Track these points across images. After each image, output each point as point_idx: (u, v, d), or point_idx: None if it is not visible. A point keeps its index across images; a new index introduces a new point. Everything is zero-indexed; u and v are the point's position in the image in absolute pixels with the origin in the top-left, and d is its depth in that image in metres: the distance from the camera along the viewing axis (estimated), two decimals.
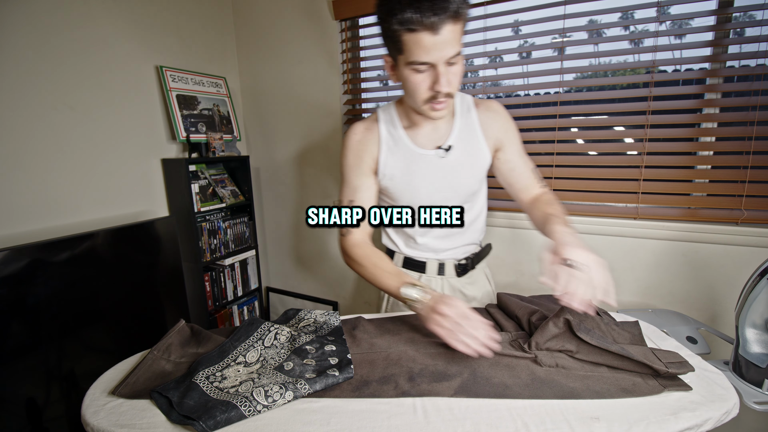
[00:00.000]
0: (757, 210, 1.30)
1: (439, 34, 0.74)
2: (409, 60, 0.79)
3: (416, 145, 0.98)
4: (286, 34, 2.08)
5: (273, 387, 0.66)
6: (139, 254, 1.64)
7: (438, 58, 0.77)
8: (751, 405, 0.85)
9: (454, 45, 0.77)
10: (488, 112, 1.00)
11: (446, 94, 0.82)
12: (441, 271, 1.10)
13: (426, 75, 0.81)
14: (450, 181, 0.99)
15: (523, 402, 0.65)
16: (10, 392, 1.26)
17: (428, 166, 0.98)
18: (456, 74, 0.82)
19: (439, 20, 0.73)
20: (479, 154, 1.00)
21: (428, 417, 0.63)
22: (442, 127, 0.98)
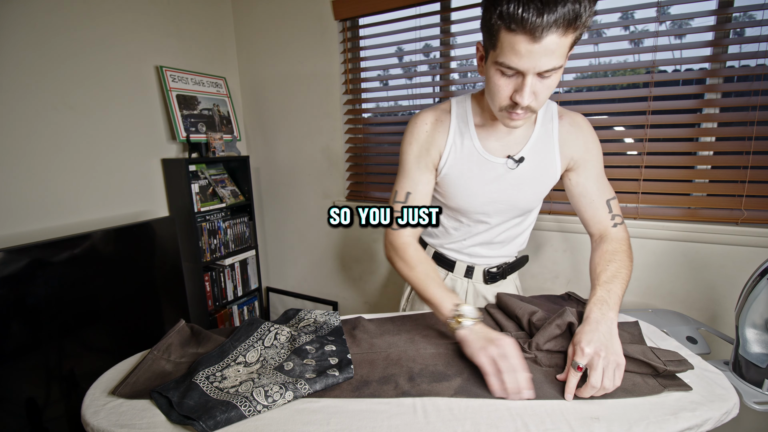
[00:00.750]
0: (757, 210, 1.30)
1: (540, 42, 0.63)
2: (498, 59, 0.69)
3: (485, 150, 0.89)
4: (286, 34, 2.08)
5: (273, 387, 0.66)
6: (139, 254, 1.64)
7: (529, 68, 0.66)
8: (751, 405, 0.85)
9: (555, 58, 0.65)
10: (572, 127, 0.90)
11: (527, 107, 0.72)
12: (468, 274, 1.06)
13: (511, 80, 0.71)
14: (511, 195, 0.92)
15: (523, 402, 0.65)
16: (10, 392, 1.26)
17: (493, 175, 0.90)
18: (547, 88, 0.71)
19: (544, 26, 0.61)
20: (550, 171, 0.91)
21: (428, 417, 0.63)
22: (517, 133, 0.89)
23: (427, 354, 0.79)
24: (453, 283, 1.10)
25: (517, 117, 0.75)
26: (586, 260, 1.54)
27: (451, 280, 1.10)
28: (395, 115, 1.98)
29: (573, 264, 1.57)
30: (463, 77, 1.80)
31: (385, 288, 2.07)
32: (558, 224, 1.55)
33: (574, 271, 1.57)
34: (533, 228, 1.60)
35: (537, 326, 0.82)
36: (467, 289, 1.09)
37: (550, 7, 0.60)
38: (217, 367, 0.74)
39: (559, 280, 1.60)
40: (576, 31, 0.65)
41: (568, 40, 0.65)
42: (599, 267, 0.84)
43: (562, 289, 1.27)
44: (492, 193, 0.92)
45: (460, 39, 1.71)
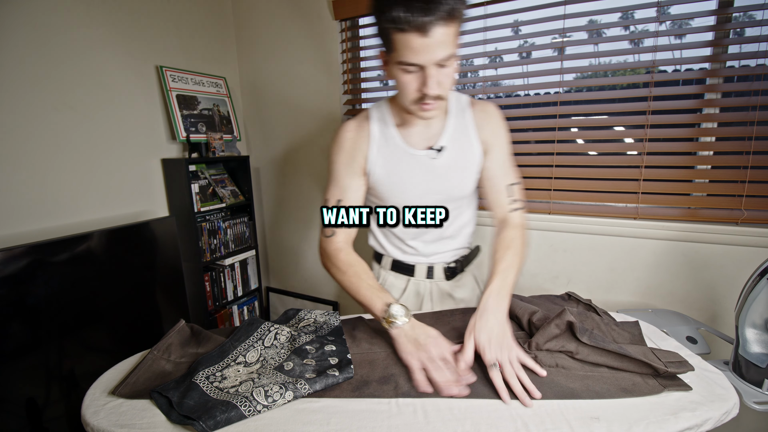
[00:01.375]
0: (757, 210, 1.30)
1: (429, 36, 0.71)
2: (398, 60, 0.76)
3: (408, 145, 0.95)
4: (286, 34, 2.08)
5: (273, 387, 0.66)
6: (139, 254, 1.64)
7: (427, 60, 0.74)
8: (751, 405, 0.85)
9: (446, 47, 0.73)
10: (483, 113, 0.97)
11: (435, 96, 0.79)
12: (430, 275, 1.08)
13: (415, 76, 0.78)
14: (441, 183, 0.96)
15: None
16: (10, 392, 1.26)
17: (419, 167, 0.95)
18: (448, 76, 0.79)
19: (429, 21, 0.69)
20: (472, 156, 0.96)
21: (428, 417, 0.63)
22: (434, 126, 0.95)
23: None
24: (416, 287, 1.10)
25: (428, 107, 0.82)
26: (586, 260, 1.54)
27: (414, 284, 1.10)
28: None
29: (573, 264, 1.57)
30: (463, 77, 1.80)
31: None
32: (558, 224, 1.55)
33: (574, 271, 1.57)
34: (533, 228, 1.61)
35: (537, 326, 0.83)
36: (431, 290, 1.10)
37: (429, 5, 0.69)
38: (217, 367, 0.74)
39: (559, 280, 1.60)
40: (457, 21, 0.74)
41: (453, 29, 0.74)
42: (498, 253, 0.89)
43: (562, 289, 1.27)
44: (422, 184, 0.96)
45: (460, 39, 1.70)
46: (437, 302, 1.10)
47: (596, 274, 1.53)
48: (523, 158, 1.64)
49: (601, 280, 1.53)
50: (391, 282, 1.12)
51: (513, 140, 1.06)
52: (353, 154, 0.97)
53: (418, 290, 1.10)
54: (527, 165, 1.62)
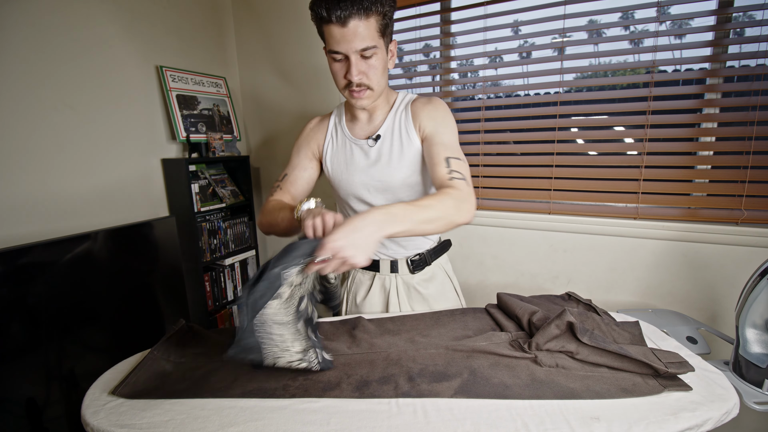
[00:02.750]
0: (757, 210, 1.30)
1: (347, 26, 0.82)
2: (327, 48, 0.88)
3: (352, 134, 1.05)
4: (286, 34, 2.08)
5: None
6: (139, 254, 1.64)
7: (347, 49, 0.84)
8: (751, 405, 0.85)
9: (365, 39, 0.84)
10: (420, 104, 1.01)
11: (360, 84, 0.89)
12: (394, 269, 1.11)
13: (341, 64, 0.89)
14: (380, 170, 1.01)
15: (523, 402, 0.65)
16: (10, 392, 1.26)
17: (360, 155, 1.03)
18: (373, 67, 0.88)
19: (346, 14, 0.80)
20: (409, 144, 1.00)
21: (428, 417, 0.63)
22: (377, 119, 1.03)
23: (427, 354, 0.79)
24: (382, 281, 1.13)
25: (356, 94, 0.92)
26: (586, 260, 1.54)
27: (379, 279, 1.13)
28: None
29: (573, 264, 1.57)
30: (463, 77, 1.80)
31: None
32: (558, 224, 1.55)
33: (574, 271, 1.57)
34: (533, 228, 1.60)
35: (537, 326, 0.83)
36: (396, 284, 1.12)
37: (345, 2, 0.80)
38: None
39: (559, 280, 1.60)
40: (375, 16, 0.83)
41: (372, 23, 0.83)
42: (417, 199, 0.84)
43: (562, 289, 1.27)
44: (364, 171, 1.03)
45: (460, 39, 1.71)
46: (404, 296, 1.11)
47: (596, 274, 1.53)
48: (523, 158, 1.64)
49: (601, 280, 1.53)
50: (359, 278, 1.17)
51: (513, 140, 1.06)
52: (309, 140, 1.11)
53: (383, 285, 1.13)
54: (527, 165, 1.62)
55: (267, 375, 0.74)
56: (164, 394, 0.69)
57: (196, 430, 0.61)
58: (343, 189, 1.08)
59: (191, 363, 0.79)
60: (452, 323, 0.93)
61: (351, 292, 1.19)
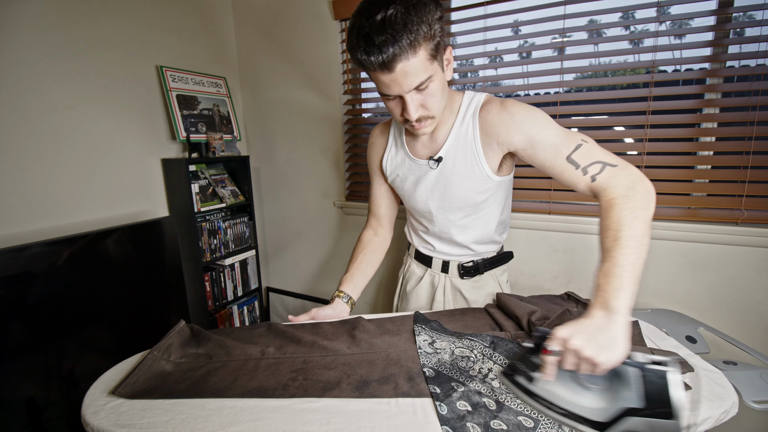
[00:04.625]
0: (757, 210, 1.30)
1: (394, 71, 0.72)
2: (378, 91, 0.81)
3: (412, 154, 1.00)
4: (286, 34, 2.08)
5: None
6: (139, 254, 1.64)
7: (399, 92, 0.76)
8: (751, 404, 0.85)
9: (417, 75, 0.74)
10: (487, 115, 0.89)
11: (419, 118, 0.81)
12: (445, 269, 1.11)
13: (397, 102, 0.80)
14: (443, 192, 0.98)
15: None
16: (10, 392, 1.26)
17: (422, 175, 0.99)
18: (431, 95, 0.78)
19: (389, 60, 0.70)
20: (476, 165, 0.92)
21: (428, 417, 0.63)
22: (439, 135, 0.95)
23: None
24: (432, 278, 1.14)
25: (418, 127, 0.84)
26: (586, 260, 1.54)
27: (430, 275, 1.15)
28: None
29: (573, 264, 1.57)
30: (463, 77, 1.80)
31: (385, 288, 2.07)
32: (558, 224, 1.55)
33: (574, 271, 1.57)
34: (533, 228, 1.61)
35: (536, 326, 0.82)
36: (444, 283, 1.12)
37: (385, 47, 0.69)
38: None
39: (559, 280, 1.60)
40: (424, 46, 0.71)
41: (421, 56, 0.72)
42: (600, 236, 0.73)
43: (562, 289, 1.27)
44: (425, 192, 1.00)
45: (460, 39, 1.71)
46: (449, 297, 1.12)
47: None
48: None
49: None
50: (413, 269, 1.19)
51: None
52: (372, 156, 1.10)
53: (432, 281, 1.14)
54: (527, 165, 1.62)
55: (267, 375, 0.74)
56: (164, 394, 0.69)
57: (197, 429, 0.61)
58: (406, 204, 1.09)
59: (191, 363, 0.79)
60: (452, 323, 0.93)
61: (405, 278, 1.22)
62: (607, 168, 0.77)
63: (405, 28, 0.68)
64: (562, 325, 0.61)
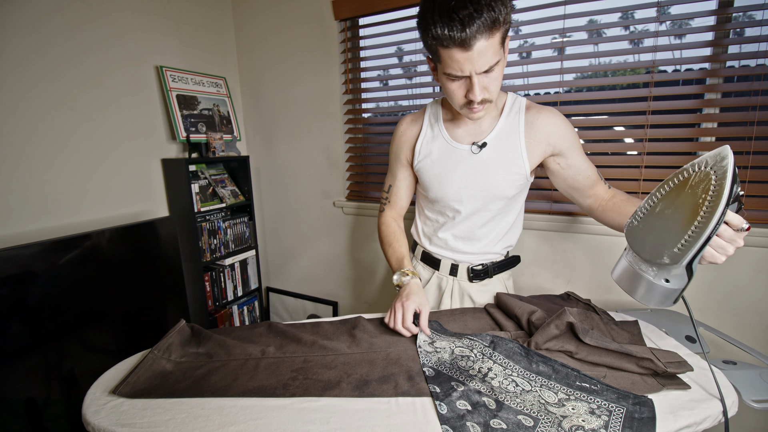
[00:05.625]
0: (757, 210, 1.30)
1: (472, 49, 0.74)
2: (446, 71, 0.81)
3: (453, 139, 1.00)
4: (286, 34, 2.08)
5: None
6: (139, 254, 1.64)
7: (471, 71, 0.78)
8: (750, 403, 0.85)
9: (490, 57, 0.76)
10: (539, 115, 0.96)
11: (482, 100, 0.83)
12: (453, 272, 1.10)
13: (461, 83, 0.82)
14: (480, 179, 0.98)
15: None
16: (10, 392, 1.26)
17: (461, 160, 0.99)
18: (494, 80, 0.81)
19: (470, 36, 0.72)
20: (516, 159, 0.96)
21: (427, 416, 0.63)
22: (484, 124, 0.98)
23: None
24: (439, 281, 1.13)
25: (477, 110, 0.86)
26: (586, 260, 1.54)
27: (437, 278, 1.13)
28: (395, 115, 1.98)
29: (573, 264, 1.57)
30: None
31: (385, 288, 2.07)
32: (558, 224, 1.55)
33: (574, 271, 1.57)
34: (533, 228, 1.61)
35: (536, 326, 0.83)
36: (452, 287, 1.11)
37: (469, 21, 0.71)
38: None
39: (558, 280, 1.60)
40: (500, 29, 0.74)
41: (496, 38, 0.75)
42: (629, 206, 0.93)
43: (562, 289, 1.28)
44: (462, 177, 0.99)
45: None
46: (456, 300, 1.11)
47: (596, 274, 1.53)
48: None
49: (601, 280, 1.53)
50: (418, 271, 1.17)
51: None
52: (401, 146, 1.09)
53: (440, 284, 1.13)
54: None
55: (267, 374, 0.74)
56: (165, 394, 0.69)
57: (197, 429, 0.61)
58: (434, 192, 1.04)
59: (192, 362, 0.79)
60: (452, 323, 0.93)
61: None
62: (613, 188, 1.03)
63: (489, 6, 0.71)
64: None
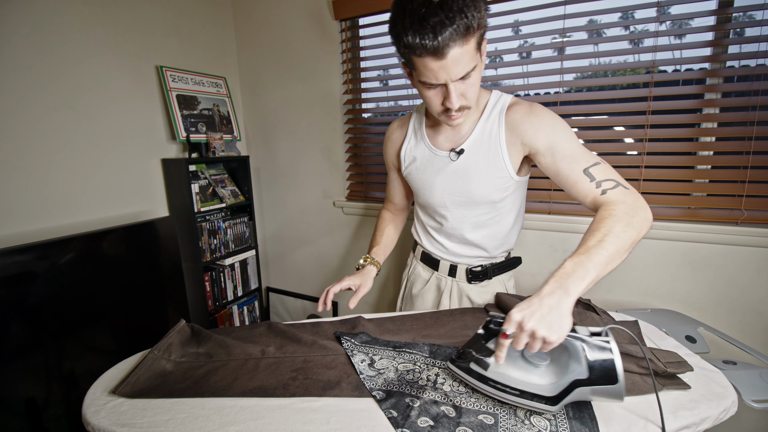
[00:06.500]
0: (757, 210, 1.30)
1: (446, 57, 0.71)
2: (420, 79, 0.79)
3: (433, 145, 0.99)
4: (286, 34, 2.08)
5: None
6: (139, 254, 1.64)
7: (446, 80, 0.75)
8: (750, 403, 0.85)
9: (465, 63, 0.73)
10: (515, 114, 0.90)
11: (460, 107, 0.81)
12: (452, 273, 1.10)
13: (437, 91, 0.80)
14: (461, 185, 0.96)
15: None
16: (10, 392, 1.26)
17: (442, 167, 0.98)
18: (471, 86, 0.79)
19: (443, 45, 0.69)
20: (497, 162, 0.92)
21: None
22: (464, 128, 0.95)
23: None
24: (438, 282, 1.13)
25: (455, 117, 0.84)
26: None
27: (436, 278, 1.13)
28: (395, 115, 1.98)
29: None
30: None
31: (385, 288, 2.07)
32: (558, 224, 1.55)
33: None
34: (533, 228, 1.60)
35: None
36: (451, 287, 1.11)
37: (441, 29, 0.67)
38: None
39: None
40: (475, 34, 0.71)
41: (471, 44, 0.72)
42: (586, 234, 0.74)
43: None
44: (443, 184, 0.99)
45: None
46: (455, 301, 1.11)
47: None
48: None
49: (601, 280, 1.53)
50: (418, 272, 1.18)
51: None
52: (388, 150, 1.12)
53: (439, 285, 1.13)
54: None
55: (267, 374, 0.74)
56: (165, 394, 0.69)
57: (197, 429, 0.61)
58: (421, 198, 1.06)
59: (192, 362, 0.79)
60: (452, 323, 0.93)
61: (409, 281, 1.21)
62: (620, 187, 0.80)
63: (461, 12, 0.67)
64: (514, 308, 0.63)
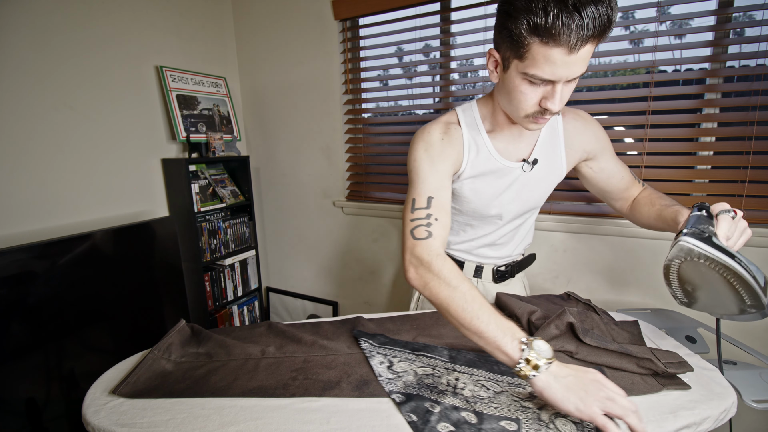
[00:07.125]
0: (757, 210, 1.30)
1: (577, 53, 0.63)
2: (528, 71, 0.67)
3: (501, 155, 0.88)
4: (286, 34, 2.08)
5: None
6: (139, 254, 1.64)
7: (563, 77, 0.66)
8: (750, 404, 0.85)
9: (584, 64, 0.66)
10: (578, 122, 0.93)
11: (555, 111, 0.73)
12: (478, 274, 1.07)
13: (539, 88, 0.70)
14: (526, 195, 0.93)
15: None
16: (10, 392, 1.26)
17: (511, 179, 0.90)
18: (570, 90, 0.71)
19: (585, 38, 0.61)
20: (557, 169, 0.94)
21: None
22: (526, 135, 0.88)
23: None
24: None
25: (543, 121, 0.76)
26: (586, 260, 1.54)
27: None
28: (395, 115, 1.98)
29: (573, 264, 1.57)
30: (463, 77, 1.80)
31: (385, 288, 2.07)
32: (558, 224, 1.55)
33: (574, 271, 1.57)
34: (534, 228, 1.60)
35: (536, 326, 0.83)
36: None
37: (588, 19, 0.59)
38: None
39: (559, 280, 1.60)
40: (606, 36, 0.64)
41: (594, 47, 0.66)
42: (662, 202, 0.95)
43: (562, 289, 1.28)
44: (508, 196, 0.93)
45: (460, 39, 1.71)
46: None
47: (596, 274, 1.53)
48: None
49: (601, 280, 1.53)
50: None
51: None
52: (443, 157, 0.85)
53: None
54: None
55: (267, 374, 0.74)
56: (165, 394, 0.69)
57: (197, 429, 0.61)
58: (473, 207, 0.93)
59: (192, 362, 0.79)
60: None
61: None
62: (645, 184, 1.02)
63: (611, 9, 0.61)
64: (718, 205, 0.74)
